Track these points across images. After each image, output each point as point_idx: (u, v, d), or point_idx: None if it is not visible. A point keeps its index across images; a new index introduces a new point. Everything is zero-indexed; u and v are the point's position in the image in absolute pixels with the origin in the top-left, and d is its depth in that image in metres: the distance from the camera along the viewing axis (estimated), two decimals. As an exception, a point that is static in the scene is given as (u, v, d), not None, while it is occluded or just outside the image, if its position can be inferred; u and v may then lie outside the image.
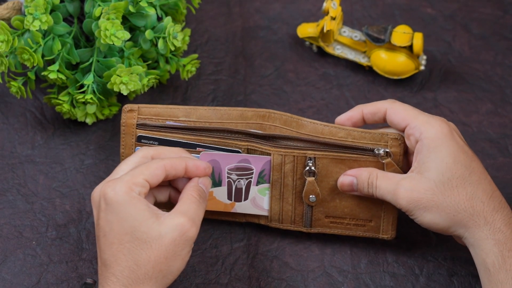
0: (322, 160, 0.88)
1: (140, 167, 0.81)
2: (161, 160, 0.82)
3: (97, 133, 0.99)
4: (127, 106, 0.89)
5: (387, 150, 0.86)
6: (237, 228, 0.93)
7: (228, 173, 0.88)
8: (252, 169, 0.88)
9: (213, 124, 0.89)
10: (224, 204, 0.90)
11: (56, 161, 0.97)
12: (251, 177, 0.89)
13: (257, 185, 0.89)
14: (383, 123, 0.87)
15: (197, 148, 0.88)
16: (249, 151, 0.89)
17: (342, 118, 0.88)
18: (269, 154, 0.88)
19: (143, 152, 0.83)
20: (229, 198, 0.90)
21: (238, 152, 0.88)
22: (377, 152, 0.86)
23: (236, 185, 0.89)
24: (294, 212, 0.90)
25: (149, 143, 0.89)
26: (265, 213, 0.91)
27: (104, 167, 0.96)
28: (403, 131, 0.86)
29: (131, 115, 0.89)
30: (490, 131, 0.99)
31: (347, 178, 0.87)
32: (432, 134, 0.82)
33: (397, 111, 0.85)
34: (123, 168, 0.82)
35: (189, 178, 0.84)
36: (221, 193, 0.89)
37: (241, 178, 0.89)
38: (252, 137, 0.89)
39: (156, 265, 0.78)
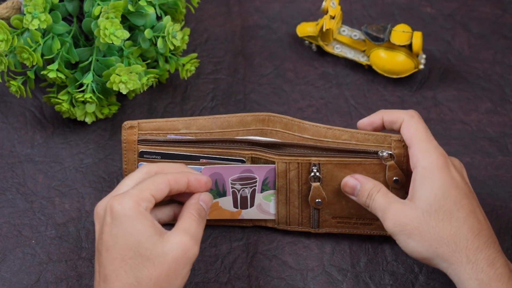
0: (327, 165, 0.88)
1: (146, 181, 0.81)
2: (165, 174, 0.82)
3: (97, 132, 0.99)
4: (127, 123, 0.88)
5: (391, 152, 0.86)
6: (237, 227, 0.93)
7: (232, 183, 0.88)
8: (256, 178, 0.88)
9: (215, 134, 0.89)
10: (231, 212, 0.90)
11: (55, 160, 0.97)
12: (255, 186, 0.89)
13: (261, 192, 0.89)
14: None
15: (201, 160, 0.88)
16: (253, 159, 0.89)
17: (364, 121, 0.88)
18: (273, 162, 0.88)
19: (147, 169, 0.84)
20: (235, 206, 0.90)
21: (242, 161, 0.88)
22: (381, 154, 0.86)
23: (241, 193, 0.89)
24: (301, 215, 0.90)
25: (151, 158, 0.88)
26: (272, 217, 0.91)
27: (104, 166, 0.96)
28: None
29: (132, 131, 0.89)
30: (489, 129, 0.99)
31: (352, 181, 0.87)
32: (426, 164, 0.82)
33: (409, 127, 0.85)
34: (128, 183, 0.82)
35: (191, 193, 0.84)
36: (227, 202, 0.89)
37: (245, 187, 0.89)
38: (255, 146, 0.89)
39: (157, 282, 0.78)
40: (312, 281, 0.89)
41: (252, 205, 0.90)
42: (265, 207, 0.90)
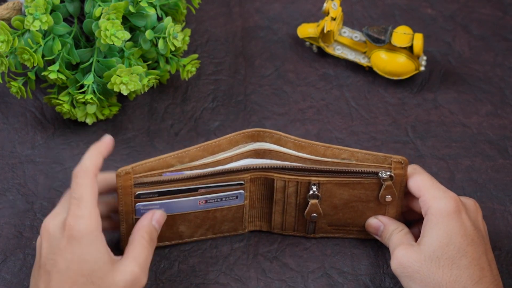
0: (326, 184, 0.87)
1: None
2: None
3: (97, 133, 0.99)
4: (122, 170, 0.84)
5: (391, 173, 0.86)
6: (237, 228, 0.93)
7: None
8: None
9: (210, 165, 0.86)
10: None
11: (56, 161, 0.97)
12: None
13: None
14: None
15: (199, 190, 0.87)
16: (252, 179, 0.88)
17: None
18: (272, 179, 0.88)
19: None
20: None
21: (241, 184, 0.87)
22: (381, 175, 0.87)
23: None
24: (297, 223, 0.90)
25: (149, 197, 0.86)
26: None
27: (104, 167, 0.96)
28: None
29: (127, 177, 0.85)
30: (490, 132, 0.99)
31: (376, 222, 0.89)
32: (436, 211, 0.84)
33: (415, 180, 0.86)
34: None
35: None
36: None
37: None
38: (254, 170, 0.87)
39: None
40: (313, 283, 0.89)
41: None
42: None
